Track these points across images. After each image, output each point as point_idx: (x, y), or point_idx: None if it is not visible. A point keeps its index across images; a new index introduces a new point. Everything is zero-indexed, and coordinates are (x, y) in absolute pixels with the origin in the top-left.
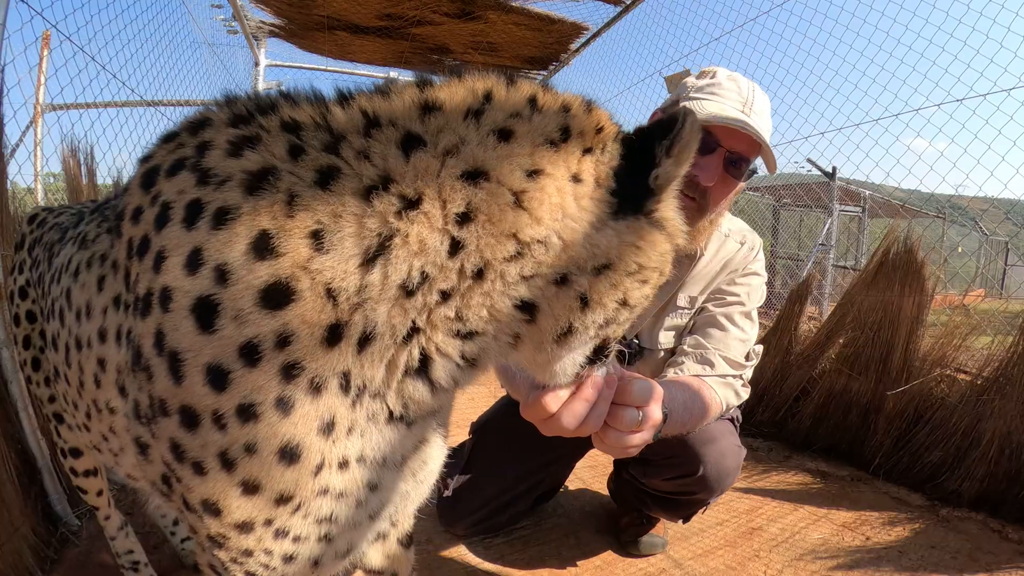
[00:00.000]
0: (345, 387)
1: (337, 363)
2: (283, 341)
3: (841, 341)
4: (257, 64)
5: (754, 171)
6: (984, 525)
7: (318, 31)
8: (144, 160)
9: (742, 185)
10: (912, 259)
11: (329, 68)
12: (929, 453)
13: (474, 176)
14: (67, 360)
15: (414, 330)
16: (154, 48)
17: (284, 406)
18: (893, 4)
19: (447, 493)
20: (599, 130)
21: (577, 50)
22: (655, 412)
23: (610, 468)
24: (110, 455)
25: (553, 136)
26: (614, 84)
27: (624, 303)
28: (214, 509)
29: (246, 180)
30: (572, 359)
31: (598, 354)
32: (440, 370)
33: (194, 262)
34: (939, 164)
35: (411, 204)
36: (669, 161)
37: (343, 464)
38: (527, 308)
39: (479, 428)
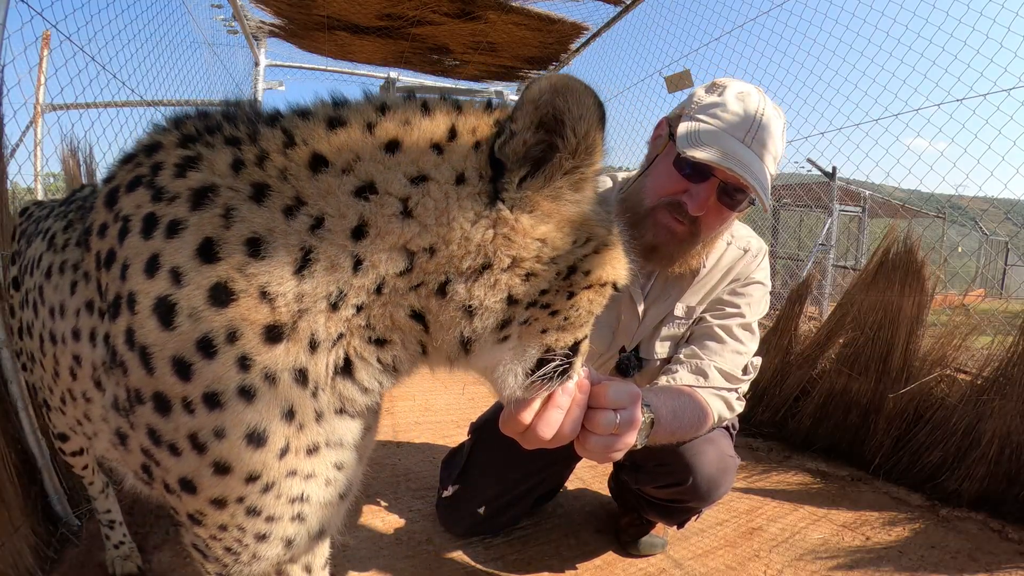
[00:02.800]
0: (302, 381)
1: (287, 359)
2: (232, 336)
3: (841, 341)
4: (257, 64)
5: (752, 202)
6: (984, 525)
7: (318, 31)
8: (107, 180)
9: (743, 210)
10: (912, 259)
11: (329, 68)
12: (929, 453)
13: (363, 191)
14: (42, 349)
15: (340, 336)
16: (154, 48)
17: (247, 394)
18: (893, 4)
19: (447, 494)
20: (495, 123)
21: (577, 50)
22: (633, 414)
23: (610, 468)
24: (84, 438)
25: (439, 139)
26: (614, 84)
27: (512, 300)
28: (190, 486)
29: (191, 196)
30: (510, 369)
31: (544, 364)
32: (362, 371)
33: (153, 267)
34: (939, 164)
35: (318, 223)
36: (514, 125)
37: (312, 449)
38: (419, 318)
39: (478, 428)
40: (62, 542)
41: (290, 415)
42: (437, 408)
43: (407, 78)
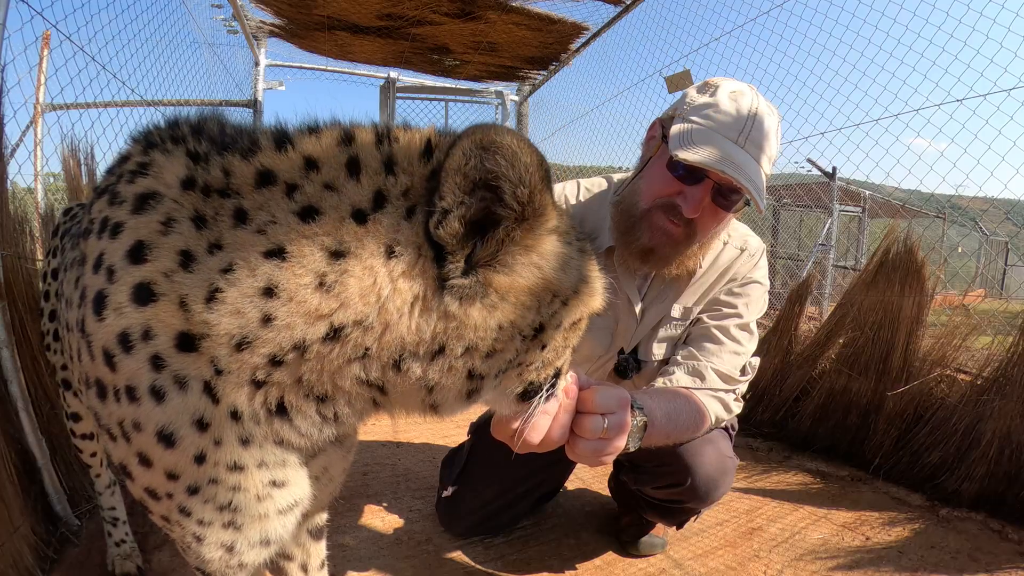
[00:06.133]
0: (213, 397)
1: (196, 369)
2: (147, 334)
3: (841, 341)
4: (257, 64)
5: (748, 202)
6: (984, 525)
7: (318, 31)
8: (95, 189)
9: (739, 210)
10: (912, 259)
11: (329, 68)
12: (929, 453)
13: (273, 254)
14: (63, 336)
15: (257, 381)
16: (154, 48)
17: (157, 394)
18: (893, 4)
19: (446, 494)
20: (430, 177)
21: (577, 50)
22: (622, 418)
23: (610, 468)
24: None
25: (363, 206)
26: (614, 84)
27: (475, 375)
28: (127, 472)
29: (134, 201)
30: (496, 402)
31: (530, 392)
32: (300, 420)
33: (98, 264)
34: (939, 164)
35: (229, 269)
36: (444, 203)
37: (236, 467)
38: (371, 385)
39: (479, 428)
40: (62, 542)
41: (201, 425)
42: None
43: (407, 78)
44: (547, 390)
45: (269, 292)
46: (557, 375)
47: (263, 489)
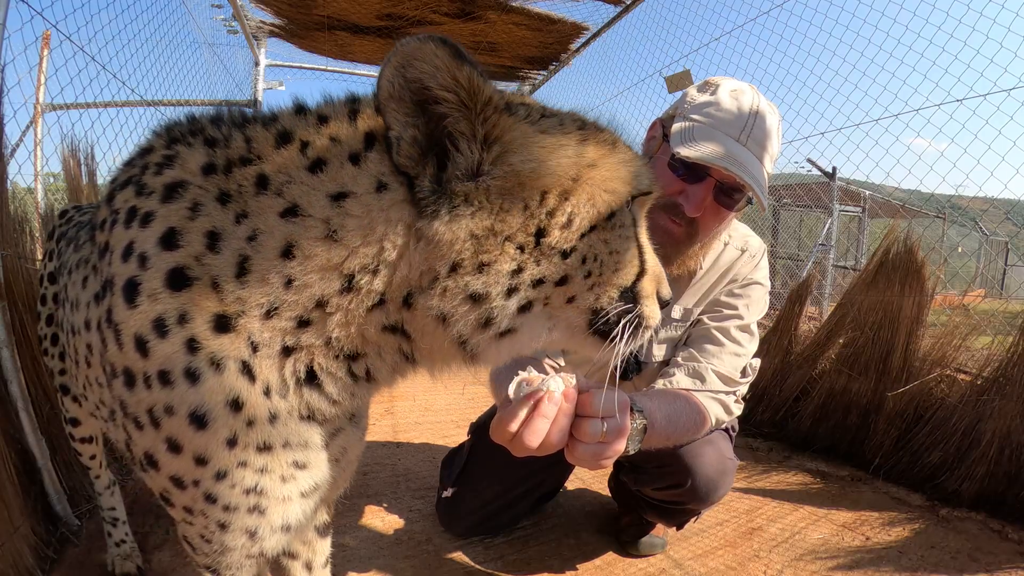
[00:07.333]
0: (250, 376)
1: (231, 350)
2: (182, 318)
3: (841, 341)
4: (257, 64)
5: (750, 201)
6: (984, 525)
7: (318, 31)
8: (112, 181)
9: (740, 209)
10: (912, 259)
11: (329, 68)
12: (929, 453)
13: (288, 213)
14: (67, 341)
15: (287, 348)
16: (154, 48)
17: (192, 376)
18: (893, 4)
19: (446, 494)
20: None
21: (577, 50)
22: (621, 422)
23: (611, 468)
24: (102, 422)
25: (357, 148)
26: (614, 84)
27: (476, 297)
28: (153, 461)
29: (163, 190)
30: (563, 338)
31: (596, 322)
32: (331, 385)
33: (128, 252)
34: (939, 164)
35: (253, 236)
36: (392, 132)
37: (265, 447)
38: (396, 330)
39: (478, 428)
40: (62, 542)
41: (235, 405)
42: (437, 408)
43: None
44: (619, 315)
45: (287, 253)
46: (633, 299)
47: (287, 470)
